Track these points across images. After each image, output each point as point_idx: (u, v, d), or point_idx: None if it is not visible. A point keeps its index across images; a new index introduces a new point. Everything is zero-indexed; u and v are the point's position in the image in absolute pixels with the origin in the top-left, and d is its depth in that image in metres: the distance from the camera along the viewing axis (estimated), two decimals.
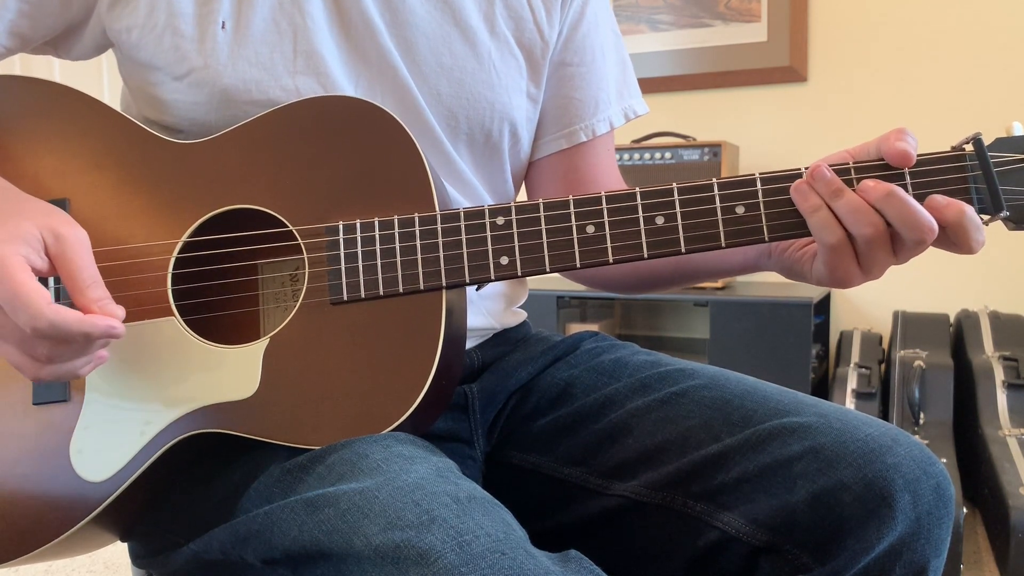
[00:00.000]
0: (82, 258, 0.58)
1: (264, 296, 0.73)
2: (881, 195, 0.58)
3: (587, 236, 0.63)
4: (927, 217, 0.57)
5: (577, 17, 0.83)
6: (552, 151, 0.86)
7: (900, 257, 0.61)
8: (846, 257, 0.60)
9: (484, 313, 0.81)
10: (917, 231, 0.57)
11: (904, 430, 0.74)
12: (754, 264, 0.74)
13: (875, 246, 0.59)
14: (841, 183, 0.59)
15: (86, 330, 0.55)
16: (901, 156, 0.59)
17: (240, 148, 0.67)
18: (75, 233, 0.58)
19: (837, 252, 0.60)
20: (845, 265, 0.61)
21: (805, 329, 1.94)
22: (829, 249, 0.60)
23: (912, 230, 0.57)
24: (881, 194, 0.58)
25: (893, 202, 0.58)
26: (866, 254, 0.60)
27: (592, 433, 0.74)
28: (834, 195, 0.59)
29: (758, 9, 2.33)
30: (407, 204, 0.65)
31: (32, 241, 0.56)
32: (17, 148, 0.68)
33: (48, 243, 0.57)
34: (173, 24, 0.68)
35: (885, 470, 0.61)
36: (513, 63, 0.79)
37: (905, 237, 0.58)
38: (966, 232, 0.58)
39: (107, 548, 0.73)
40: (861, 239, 0.59)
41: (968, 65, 2.15)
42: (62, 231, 0.57)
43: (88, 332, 0.55)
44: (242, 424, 0.62)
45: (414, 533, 0.49)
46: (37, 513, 0.63)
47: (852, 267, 0.61)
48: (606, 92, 0.86)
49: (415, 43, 0.74)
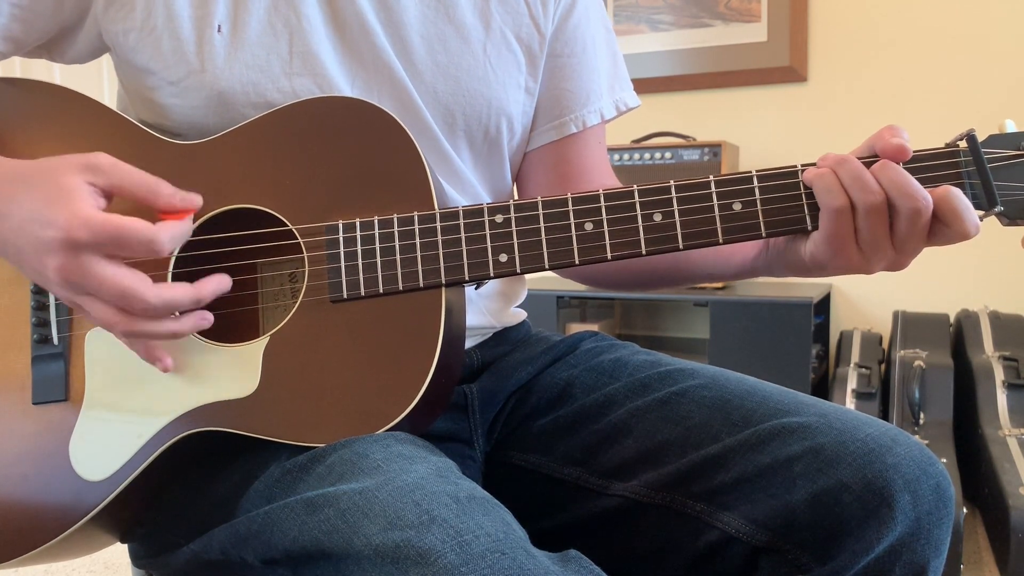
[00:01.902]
0: (129, 173, 0.59)
1: (263, 295, 0.73)
2: (879, 166, 0.60)
3: (586, 233, 0.63)
4: (920, 188, 0.59)
5: (568, 7, 0.83)
6: (543, 143, 0.86)
7: (897, 242, 0.61)
8: (846, 228, 0.61)
9: (483, 312, 0.81)
10: (910, 198, 0.59)
11: (904, 430, 0.74)
12: (751, 266, 0.74)
13: (874, 217, 0.60)
14: (845, 155, 0.61)
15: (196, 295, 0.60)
16: (898, 150, 0.60)
17: (240, 148, 0.67)
18: (103, 158, 0.59)
19: (840, 217, 0.61)
20: (844, 237, 0.61)
21: (805, 329, 1.94)
22: (833, 213, 0.61)
23: (906, 196, 0.59)
24: (879, 165, 0.60)
25: (887, 170, 0.60)
26: (865, 228, 0.61)
27: (592, 433, 0.74)
28: (839, 163, 0.61)
29: (758, 9, 2.33)
30: (406, 203, 0.65)
31: (82, 188, 0.57)
32: (17, 150, 0.68)
33: (92, 181, 0.58)
34: (170, 27, 0.68)
35: (885, 470, 0.61)
36: (510, 58, 0.79)
37: (899, 205, 0.59)
38: (956, 210, 0.59)
39: (107, 548, 0.73)
40: (863, 205, 0.60)
41: (967, 65, 2.15)
42: (92, 163, 0.58)
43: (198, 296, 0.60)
44: (242, 422, 0.62)
45: (414, 533, 0.49)
46: (36, 512, 0.63)
47: (850, 243, 0.61)
48: (597, 84, 0.86)
49: (410, 42, 0.74)
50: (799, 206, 0.62)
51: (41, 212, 0.56)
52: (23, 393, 0.66)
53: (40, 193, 0.57)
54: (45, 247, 0.55)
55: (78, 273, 0.56)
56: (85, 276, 0.56)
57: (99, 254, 0.56)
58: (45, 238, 0.55)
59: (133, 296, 0.56)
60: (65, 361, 0.66)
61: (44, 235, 0.55)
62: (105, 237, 0.55)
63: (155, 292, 0.57)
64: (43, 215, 0.55)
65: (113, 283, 0.56)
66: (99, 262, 0.56)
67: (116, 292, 0.56)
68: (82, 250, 0.55)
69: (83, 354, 0.66)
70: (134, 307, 0.57)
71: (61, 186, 0.56)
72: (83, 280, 0.56)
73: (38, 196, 0.56)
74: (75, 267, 0.55)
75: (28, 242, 0.56)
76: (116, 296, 0.56)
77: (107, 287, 0.56)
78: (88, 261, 0.55)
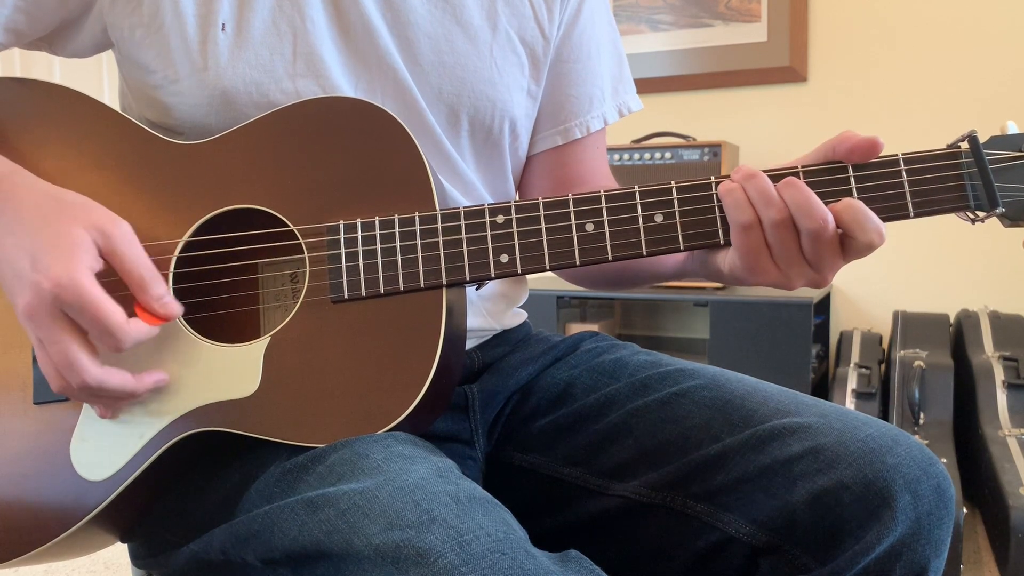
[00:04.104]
0: (136, 254, 0.59)
1: (264, 295, 0.73)
2: (783, 183, 0.60)
3: (586, 234, 0.63)
4: (820, 206, 0.59)
5: (575, 13, 0.83)
6: (546, 147, 0.86)
7: (811, 259, 0.61)
8: (757, 243, 0.61)
9: (484, 314, 0.81)
10: (810, 218, 0.59)
11: (904, 430, 0.74)
12: (682, 270, 0.75)
13: (782, 232, 0.60)
14: (755, 171, 0.61)
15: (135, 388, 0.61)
16: (870, 145, 0.61)
17: (241, 148, 0.67)
18: (122, 228, 0.59)
19: (748, 233, 0.61)
20: (756, 251, 0.61)
21: (805, 329, 1.94)
22: (741, 229, 0.61)
23: (806, 217, 0.59)
24: (784, 182, 0.60)
25: (789, 189, 0.60)
26: (775, 242, 0.61)
27: (592, 433, 0.74)
28: (747, 178, 0.61)
29: (758, 9, 2.33)
30: (407, 203, 0.65)
31: (87, 246, 0.57)
32: (18, 150, 0.68)
33: (99, 244, 0.58)
34: (177, 25, 0.68)
35: (885, 470, 0.61)
36: (515, 61, 0.79)
37: (801, 225, 0.59)
38: (858, 222, 0.58)
39: (107, 548, 0.73)
40: (767, 222, 0.60)
41: (967, 65, 2.15)
42: (109, 229, 0.58)
43: (135, 390, 0.61)
44: (243, 422, 0.62)
45: (414, 533, 0.49)
46: (37, 512, 0.63)
47: (764, 256, 0.62)
48: (600, 88, 0.86)
49: (417, 42, 0.74)
50: (712, 219, 0.63)
51: (39, 251, 0.57)
52: (24, 392, 0.66)
53: (48, 231, 0.58)
54: (27, 283, 0.56)
55: (41, 321, 0.57)
56: (46, 328, 0.57)
57: (67, 316, 0.57)
58: (32, 278, 0.56)
59: (75, 370, 0.57)
60: None
61: (32, 275, 0.56)
62: (84, 310, 0.56)
63: (95, 374, 0.58)
64: (40, 256, 0.56)
65: (64, 350, 0.57)
66: (64, 324, 0.57)
67: (62, 358, 0.57)
68: (57, 306, 0.56)
69: None
70: (71, 378, 0.58)
71: (70, 235, 0.57)
72: (42, 329, 0.57)
73: (44, 233, 0.57)
74: (42, 315, 0.56)
75: (13, 266, 0.58)
76: (60, 361, 0.57)
77: (57, 349, 0.57)
78: (56, 318, 0.57)
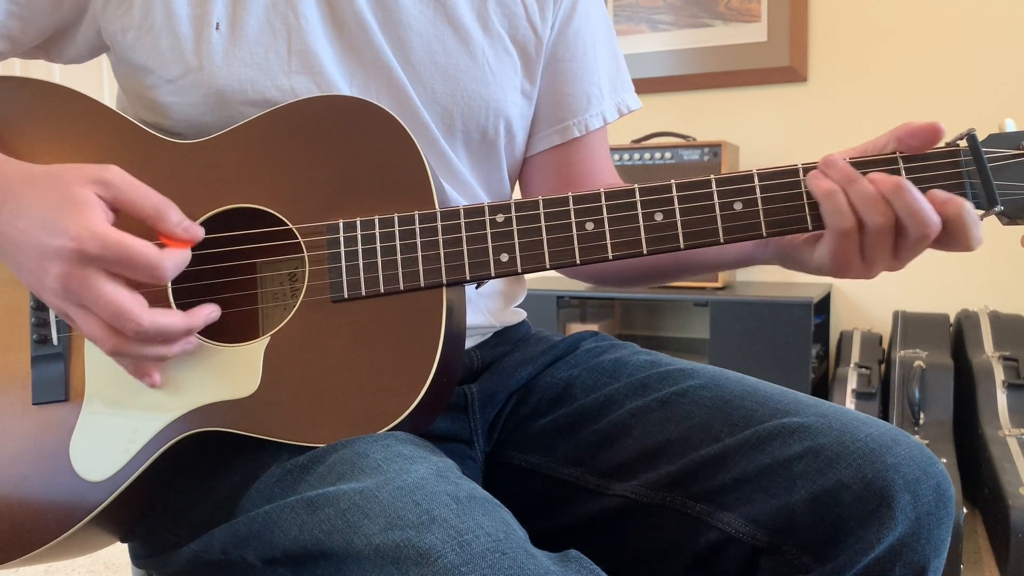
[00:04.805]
0: (141, 191, 0.59)
1: (263, 295, 0.73)
2: (891, 187, 0.59)
3: (587, 233, 0.63)
4: (932, 212, 0.58)
5: (569, 11, 0.83)
6: (546, 147, 0.86)
7: (899, 255, 0.61)
8: (852, 245, 0.61)
9: (483, 312, 0.81)
10: (922, 225, 0.58)
11: (904, 430, 0.74)
12: (750, 256, 0.74)
13: (882, 236, 0.60)
14: (855, 171, 0.60)
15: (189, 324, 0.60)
16: (931, 130, 0.60)
17: (240, 148, 0.67)
18: (115, 172, 0.58)
19: (847, 238, 0.60)
20: (849, 253, 0.61)
21: (805, 329, 1.94)
22: (840, 235, 0.60)
23: (918, 224, 0.58)
24: (891, 186, 0.59)
25: (902, 195, 0.59)
26: (871, 244, 0.60)
27: (592, 433, 0.74)
28: (849, 182, 0.60)
29: (758, 9, 2.33)
30: (407, 202, 0.65)
31: (93, 200, 0.56)
32: (17, 149, 0.68)
33: (102, 195, 0.57)
34: (168, 25, 0.68)
35: (885, 470, 0.61)
36: (508, 60, 0.79)
37: (910, 230, 0.59)
38: (965, 227, 0.58)
39: (107, 548, 0.73)
40: (872, 227, 0.60)
41: (967, 64, 2.15)
42: (105, 177, 0.58)
43: (190, 325, 0.60)
44: (243, 422, 0.62)
45: (414, 533, 0.49)
46: (37, 513, 0.63)
47: (855, 256, 0.61)
48: (598, 87, 0.86)
49: (408, 42, 0.74)
50: (800, 206, 0.62)
51: (50, 219, 0.55)
52: (23, 393, 0.66)
53: (50, 200, 0.56)
54: (51, 254, 0.55)
55: (78, 284, 0.55)
56: (85, 289, 0.55)
57: (103, 269, 0.56)
58: (53, 245, 0.55)
59: (127, 318, 0.56)
60: (65, 361, 0.66)
61: (52, 242, 0.55)
62: (113, 254, 0.55)
63: (149, 317, 0.57)
64: (52, 222, 0.55)
65: (110, 301, 0.55)
66: (101, 277, 0.55)
67: (111, 311, 0.56)
68: (88, 263, 0.55)
69: (83, 354, 0.66)
70: (126, 328, 0.56)
71: (72, 196, 0.56)
72: (82, 292, 0.56)
73: (48, 202, 0.56)
74: (77, 278, 0.55)
75: (32, 246, 0.56)
76: (111, 315, 0.56)
77: (104, 304, 0.56)
78: (91, 274, 0.55)
